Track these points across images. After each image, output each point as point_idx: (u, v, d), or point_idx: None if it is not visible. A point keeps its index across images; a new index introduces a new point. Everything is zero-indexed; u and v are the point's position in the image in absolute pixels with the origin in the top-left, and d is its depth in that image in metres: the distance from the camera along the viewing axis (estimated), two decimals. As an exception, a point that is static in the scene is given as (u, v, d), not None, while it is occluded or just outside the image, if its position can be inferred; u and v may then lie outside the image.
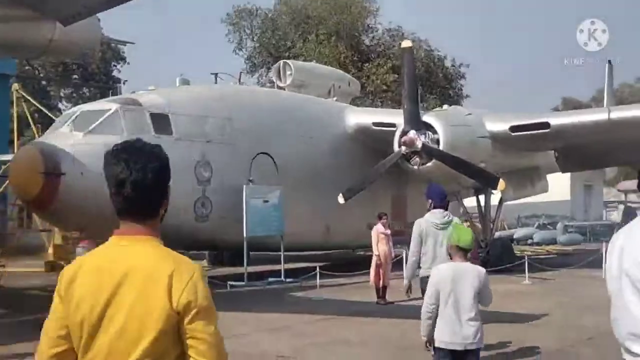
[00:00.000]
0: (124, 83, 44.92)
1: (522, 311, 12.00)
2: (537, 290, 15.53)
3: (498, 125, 18.79)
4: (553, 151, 21.17)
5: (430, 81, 43.25)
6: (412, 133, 17.32)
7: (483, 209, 21.07)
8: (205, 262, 22.49)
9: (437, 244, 7.67)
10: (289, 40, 42.88)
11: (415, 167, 17.68)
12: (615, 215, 46.84)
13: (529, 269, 16.75)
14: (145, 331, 2.21)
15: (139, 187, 2.41)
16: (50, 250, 21.36)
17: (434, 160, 17.30)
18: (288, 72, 21.10)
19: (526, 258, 16.96)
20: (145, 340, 2.20)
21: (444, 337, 5.44)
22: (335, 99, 21.76)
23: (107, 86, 40.17)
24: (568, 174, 29.28)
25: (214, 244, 17.89)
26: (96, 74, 46.48)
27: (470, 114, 18.85)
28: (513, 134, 18.57)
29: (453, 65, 46.11)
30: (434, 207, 7.94)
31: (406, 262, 13.79)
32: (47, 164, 13.83)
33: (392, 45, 43.67)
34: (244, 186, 16.55)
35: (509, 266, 17.49)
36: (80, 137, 14.66)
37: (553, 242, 31.62)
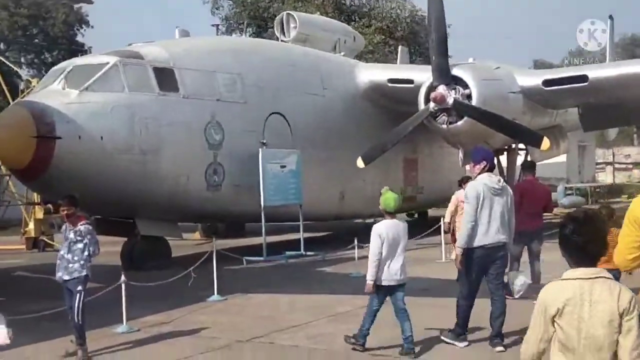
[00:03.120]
0: (89, 50, 42.11)
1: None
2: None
3: (530, 80, 17.24)
4: (577, 108, 19.75)
5: (415, 42, 41.54)
6: (441, 88, 15.59)
7: (505, 171, 19.59)
8: (197, 235, 20.67)
9: (493, 210, 7.13)
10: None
11: (444, 125, 15.98)
12: (603, 177, 46.21)
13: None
14: None
15: None
16: (31, 226, 19.31)
17: (465, 118, 15.63)
18: (292, 25, 19.10)
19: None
20: None
21: (383, 276, 6.98)
22: (343, 54, 19.87)
23: (78, 49, 37.48)
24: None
25: (227, 216, 16.03)
26: (58, 38, 43.61)
27: (498, 67, 17.22)
28: (546, 88, 17.01)
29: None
30: (488, 170, 7.34)
31: (448, 230, 12.49)
32: (39, 126, 11.88)
33: (376, 5, 41.78)
34: (260, 150, 14.67)
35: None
36: (75, 95, 12.65)
37: (554, 204, 30.45)
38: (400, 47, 28.82)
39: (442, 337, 7.49)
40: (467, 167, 7.72)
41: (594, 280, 3.01)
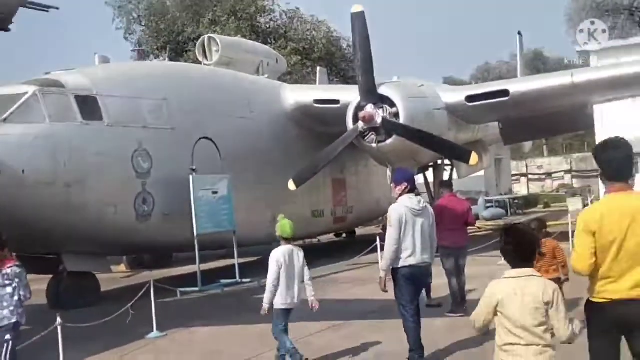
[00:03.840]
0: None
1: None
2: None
3: (453, 96, 17.56)
4: (498, 122, 20.28)
5: (332, 63, 41.91)
6: (369, 107, 15.63)
7: (432, 186, 19.84)
8: (122, 266, 19.89)
9: (415, 231, 7.26)
10: (179, 24, 40.06)
11: (373, 144, 16.00)
12: (519, 188, 47.74)
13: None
14: None
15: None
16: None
17: (394, 137, 15.71)
18: (214, 49, 18.80)
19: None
20: None
21: (282, 300, 7.40)
22: (266, 76, 19.70)
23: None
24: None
25: (158, 246, 15.42)
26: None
27: (422, 85, 17.46)
28: (469, 104, 17.36)
29: (349, 46, 44.95)
30: (409, 191, 7.47)
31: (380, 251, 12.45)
32: (-45, 162, 11.03)
33: (291, 27, 41.97)
34: (190, 177, 14.24)
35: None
36: (-8, 126, 11.87)
37: (475, 217, 31.10)
38: (318, 68, 29.00)
39: None
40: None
41: (527, 278, 4.00)
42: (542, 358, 3.90)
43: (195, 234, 14.16)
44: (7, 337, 6.76)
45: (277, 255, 7.40)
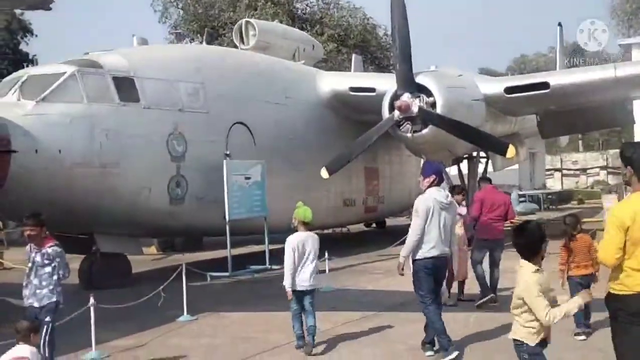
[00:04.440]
0: (34, 60, 40.63)
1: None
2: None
3: (492, 87, 17.27)
4: (535, 115, 19.93)
5: (367, 50, 41.57)
6: (406, 96, 15.42)
7: (466, 178, 19.59)
8: (153, 249, 20.01)
9: (440, 224, 7.38)
10: (216, 8, 40.05)
11: (409, 134, 15.82)
12: (552, 183, 47.07)
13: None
14: None
15: None
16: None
17: (430, 127, 15.50)
18: (251, 33, 18.71)
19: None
20: None
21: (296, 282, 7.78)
22: (302, 62, 19.58)
23: (22, 59, 36.16)
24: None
25: (190, 230, 15.46)
26: (1, 46, 42.05)
27: (461, 75, 17.20)
28: (508, 95, 17.06)
29: (386, 34, 44.57)
30: (437, 184, 7.58)
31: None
32: (-7, 140, 11.13)
33: (327, 13, 41.71)
34: (224, 161, 14.22)
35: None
36: (31, 106, 11.98)
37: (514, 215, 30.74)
38: (354, 56, 28.73)
39: (427, 355, 7.45)
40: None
41: (520, 268, 4.78)
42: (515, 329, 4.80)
43: (227, 218, 14.15)
44: (48, 318, 6.76)
45: (292, 241, 7.83)
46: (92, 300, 7.98)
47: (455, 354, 7.20)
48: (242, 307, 10.94)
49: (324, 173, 16.31)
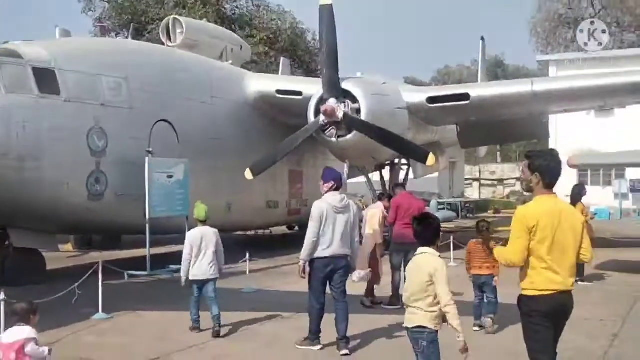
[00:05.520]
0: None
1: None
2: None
3: (415, 96, 17.69)
4: (456, 125, 20.52)
5: (296, 54, 41.77)
6: (332, 101, 15.64)
7: (388, 185, 19.94)
8: (69, 246, 19.51)
9: (335, 227, 7.74)
10: (143, 3, 39.41)
11: (333, 139, 16.03)
12: (471, 192, 48.40)
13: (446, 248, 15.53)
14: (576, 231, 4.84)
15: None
16: None
17: (354, 132, 15.77)
18: (179, 31, 18.52)
19: (452, 237, 15.86)
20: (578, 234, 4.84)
21: (195, 272, 8.77)
22: (230, 62, 19.52)
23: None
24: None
25: (109, 227, 15.14)
26: None
27: (385, 83, 17.53)
28: (430, 105, 17.52)
29: (314, 39, 44.89)
30: (335, 190, 7.95)
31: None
32: None
33: (257, 15, 41.70)
34: (146, 159, 14.03)
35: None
36: (-55, 95, 11.50)
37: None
38: (282, 59, 28.89)
39: (297, 346, 7.90)
40: (320, 185, 8.08)
41: (424, 255, 5.24)
42: (410, 317, 5.15)
43: (147, 217, 13.96)
44: None
45: (188, 235, 8.93)
46: (2, 295, 7.75)
47: (318, 347, 7.81)
48: (160, 306, 10.83)
49: (248, 174, 16.34)
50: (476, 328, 8.70)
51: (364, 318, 9.26)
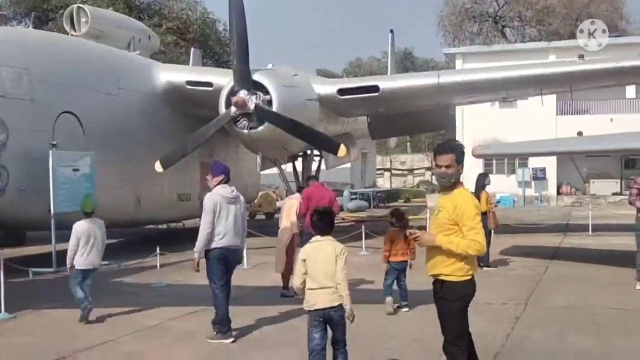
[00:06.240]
0: None
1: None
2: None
3: (326, 88, 17.85)
4: (366, 117, 20.83)
5: (207, 45, 41.25)
6: (243, 93, 15.59)
7: (300, 175, 20.03)
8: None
9: (228, 217, 7.93)
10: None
11: (245, 130, 15.97)
12: (382, 182, 49.29)
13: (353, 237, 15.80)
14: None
15: None
16: None
17: (266, 124, 15.77)
18: (83, 20, 17.95)
19: (363, 227, 16.11)
20: None
21: (80, 262, 9.05)
22: (138, 52, 19.08)
23: None
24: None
25: (11, 223, 14.54)
26: None
27: (296, 74, 17.58)
28: (341, 97, 17.70)
29: (226, 30, 44.46)
30: (225, 182, 8.13)
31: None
32: None
33: (166, 5, 40.90)
34: (50, 152, 13.55)
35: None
36: None
37: (340, 208, 31.78)
38: (192, 50, 28.49)
39: (209, 340, 7.87)
40: (208, 178, 8.24)
41: (324, 240, 5.52)
42: (333, 297, 5.39)
43: (52, 212, 13.50)
44: None
45: (75, 227, 9.12)
46: None
47: (230, 340, 7.83)
48: (66, 304, 10.45)
49: (158, 167, 16.09)
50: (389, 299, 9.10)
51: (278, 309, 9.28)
